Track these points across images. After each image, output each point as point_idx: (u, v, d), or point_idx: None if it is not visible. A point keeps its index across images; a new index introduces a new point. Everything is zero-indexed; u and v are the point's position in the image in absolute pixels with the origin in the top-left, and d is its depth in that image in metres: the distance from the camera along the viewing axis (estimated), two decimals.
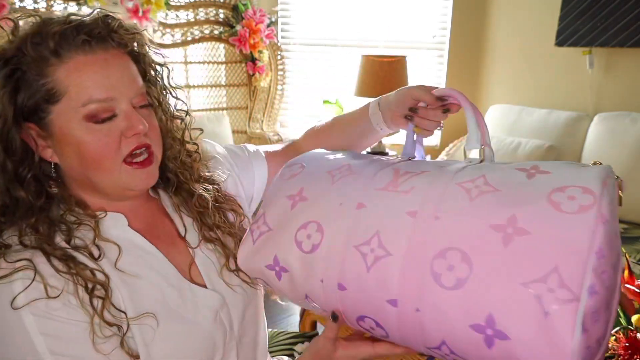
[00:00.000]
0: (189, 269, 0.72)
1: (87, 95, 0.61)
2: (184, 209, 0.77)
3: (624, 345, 0.62)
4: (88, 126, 0.62)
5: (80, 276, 0.61)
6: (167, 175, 0.76)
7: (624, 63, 2.55)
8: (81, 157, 0.63)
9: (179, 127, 0.77)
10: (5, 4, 2.18)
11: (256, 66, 3.09)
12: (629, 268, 0.69)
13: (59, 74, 0.61)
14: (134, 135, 0.64)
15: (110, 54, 0.64)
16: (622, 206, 0.55)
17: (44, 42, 0.61)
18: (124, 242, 0.68)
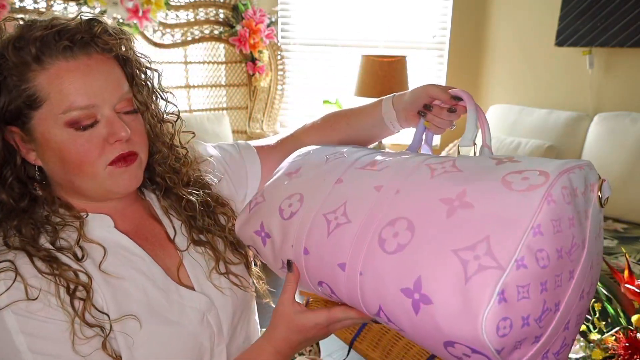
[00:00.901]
0: (177, 272, 0.72)
1: (68, 102, 0.61)
2: (173, 212, 0.76)
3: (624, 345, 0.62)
4: (70, 132, 0.62)
5: (62, 277, 0.61)
6: (156, 179, 0.76)
7: (624, 63, 2.55)
8: (63, 162, 0.63)
9: (168, 130, 0.77)
10: (5, 4, 2.18)
11: (256, 66, 3.09)
12: (629, 268, 0.69)
13: (40, 80, 0.60)
14: (116, 141, 0.64)
15: (93, 60, 0.63)
16: (604, 207, 0.53)
17: (26, 47, 0.60)
18: (109, 243, 0.68)
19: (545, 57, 2.80)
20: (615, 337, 0.64)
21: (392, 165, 0.61)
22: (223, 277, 0.75)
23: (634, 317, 0.64)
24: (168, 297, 0.69)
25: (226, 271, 0.75)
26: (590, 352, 0.66)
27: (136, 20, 2.58)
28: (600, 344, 0.65)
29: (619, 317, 0.70)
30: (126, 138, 0.64)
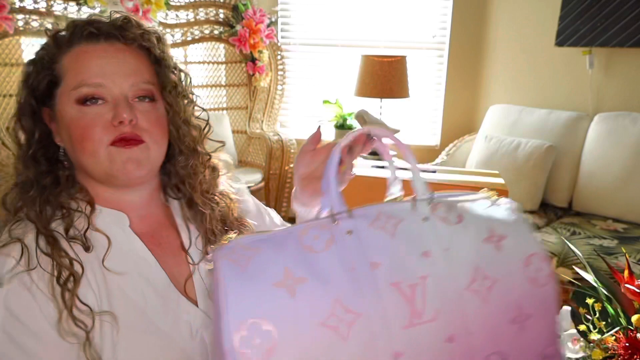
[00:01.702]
0: (184, 282, 0.72)
1: (80, 78, 0.65)
2: (193, 223, 0.76)
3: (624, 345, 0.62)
4: (77, 109, 0.65)
5: (58, 262, 0.62)
6: (180, 185, 0.76)
7: (624, 63, 2.55)
8: (71, 138, 0.66)
9: (195, 136, 0.76)
10: (5, 4, 2.18)
11: (256, 66, 3.09)
12: (629, 268, 0.69)
13: (64, 60, 0.67)
14: (120, 123, 0.65)
15: (113, 47, 0.67)
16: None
17: (61, 36, 0.67)
18: (120, 240, 0.68)
19: (545, 57, 2.80)
20: (615, 337, 0.64)
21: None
22: None
23: (634, 317, 0.64)
24: (165, 305, 0.68)
25: None
26: (590, 352, 0.66)
27: None
28: (600, 344, 0.65)
29: (619, 317, 0.70)
30: (128, 120, 0.65)
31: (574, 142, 2.54)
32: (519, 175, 2.48)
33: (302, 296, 0.48)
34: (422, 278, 0.53)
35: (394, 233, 0.54)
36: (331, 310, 0.49)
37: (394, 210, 0.57)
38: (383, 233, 0.54)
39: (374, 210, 0.56)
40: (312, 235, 0.52)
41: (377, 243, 0.53)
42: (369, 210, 0.56)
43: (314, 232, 0.53)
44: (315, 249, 0.51)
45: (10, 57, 2.31)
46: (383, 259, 0.52)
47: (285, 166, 3.00)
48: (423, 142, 3.32)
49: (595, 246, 2.06)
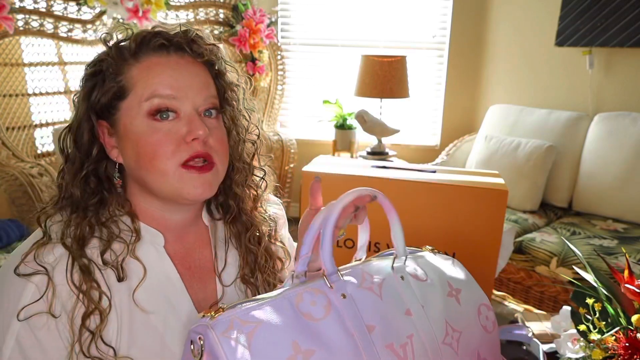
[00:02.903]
0: (210, 307, 0.70)
1: (152, 89, 0.62)
2: (233, 241, 0.74)
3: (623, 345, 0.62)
4: (149, 123, 0.62)
5: (86, 296, 0.60)
6: (229, 202, 0.74)
7: (624, 63, 2.55)
8: (138, 154, 0.63)
9: (250, 151, 0.75)
10: (5, 4, 2.17)
11: (256, 66, 3.09)
12: (629, 268, 0.69)
13: (132, 72, 0.63)
14: (194, 140, 0.63)
15: (184, 60, 0.65)
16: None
17: (127, 46, 0.64)
18: (152, 263, 0.67)
19: (545, 57, 2.80)
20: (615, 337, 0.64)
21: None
22: None
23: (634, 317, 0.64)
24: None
25: None
26: (590, 352, 0.66)
27: (136, 20, 2.58)
28: (600, 344, 0.65)
29: (619, 317, 0.70)
30: (204, 137, 0.63)
31: (574, 142, 2.54)
32: (519, 175, 2.48)
33: None
34: (409, 337, 0.56)
35: (380, 294, 0.57)
36: None
37: (375, 269, 0.60)
38: (372, 294, 0.56)
39: (358, 270, 0.58)
40: (308, 301, 0.52)
41: (368, 305, 0.55)
42: (354, 270, 0.58)
43: (310, 298, 0.53)
44: (315, 317, 0.52)
45: (10, 57, 2.30)
46: (376, 321, 0.54)
47: (285, 166, 3.00)
48: (423, 142, 3.33)
49: (595, 246, 2.06)
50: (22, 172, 2.02)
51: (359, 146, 3.13)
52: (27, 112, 2.34)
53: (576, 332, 0.74)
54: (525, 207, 2.49)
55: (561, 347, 0.82)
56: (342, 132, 3.08)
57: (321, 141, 3.32)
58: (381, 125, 2.88)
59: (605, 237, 2.16)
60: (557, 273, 2.03)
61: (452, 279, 0.66)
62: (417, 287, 0.61)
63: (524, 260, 2.14)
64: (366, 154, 2.96)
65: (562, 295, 2.05)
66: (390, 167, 1.06)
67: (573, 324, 0.76)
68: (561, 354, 0.81)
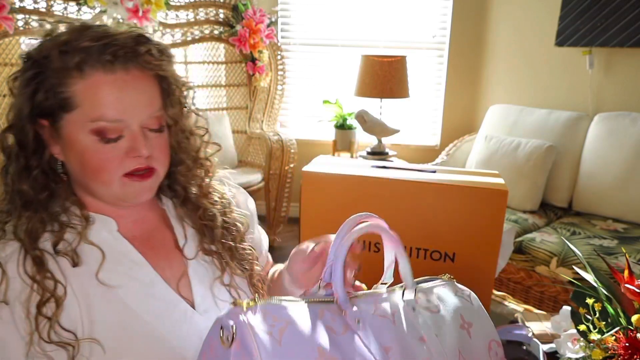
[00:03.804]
0: (177, 282, 0.72)
1: (99, 112, 0.63)
2: (188, 220, 0.78)
3: (623, 345, 0.62)
4: (94, 140, 0.64)
5: (40, 285, 0.62)
6: (175, 187, 0.78)
7: (624, 63, 2.55)
8: (82, 165, 0.66)
9: (195, 144, 0.78)
10: (5, 4, 2.18)
11: (256, 66, 3.09)
12: (629, 268, 0.69)
13: (78, 87, 0.63)
14: (136, 157, 0.66)
15: (130, 75, 0.65)
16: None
17: (71, 53, 0.62)
18: (110, 247, 0.68)
19: (545, 57, 2.80)
20: (615, 337, 0.64)
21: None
22: (225, 289, 0.75)
23: (634, 317, 0.64)
24: (160, 307, 0.69)
25: (230, 283, 0.75)
26: (590, 352, 0.66)
27: (136, 20, 2.58)
28: (600, 344, 0.65)
29: (619, 317, 0.70)
30: (146, 156, 0.66)
31: (574, 142, 2.54)
32: (519, 175, 2.48)
33: None
34: None
35: (394, 320, 0.59)
36: None
37: (387, 301, 0.61)
38: (386, 320, 0.58)
39: (370, 300, 0.60)
40: (329, 318, 0.55)
41: (384, 329, 0.57)
42: (367, 299, 0.60)
43: (330, 315, 0.55)
44: (336, 331, 0.54)
45: (10, 57, 2.31)
46: (393, 343, 0.56)
47: (285, 166, 3.00)
48: (423, 142, 3.33)
49: (595, 246, 2.06)
50: None
51: (359, 146, 3.13)
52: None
53: (576, 332, 0.74)
54: (525, 207, 2.49)
55: (561, 347, 0.82)
56: (342, 132, 3.08)
57: (321, 141, 3.32)
58: (381, 125, 2.88)
59: (605, 237, 2.16)
60: (557, 273, 2.03)
61: (464, 312, 0.66)
62: (429, 318, 0.62)
63: (524, 260, 2.14)
64: (366, 154, 2.96)
65: (562, 295, 2.05)
66: (390, 167, 1.06)
67: (573, 324, 0.76)
68: (561, 354, 0.81)
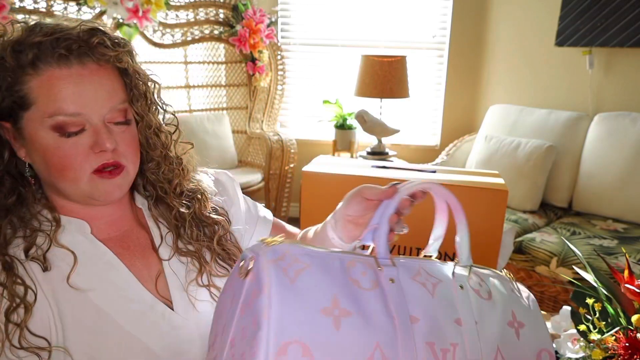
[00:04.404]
0: (155, 282, 0.71)
1: (55, 107, 0.62)
2: (162, 221, 0.77)
3: (623, 345, 0.62)
4: (54, 137, 0.63)
5: (9, 291, 0.61)
6: (147, 187, 0.76)
7: (624, 63, 2.55)
8: (47, 164, 0.64)
9: (165, 141, 0.76)
10: (5, 4, 2.18)
11: (256, 66, 3.09)
12: (629, 268, 0.69)
13: (32, 83, 0.62)
14: (101, 151, 0.64)
15: (87, 69, 0.63)
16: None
17: (24, 51, 0.61)
18: (83, 250, 0.67)
19: (545, 57, 2.80)
20: (615, 337, 0.64)
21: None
22: (204, 289, 0.74)
23: (634, 317, 0.64)
24: (137, 309, 0.68)
25: (209, 283, 0.74)
26: (590, 352, 0.66)
27: (136, 20, 2.58)
28: (600, 344, 0.65)
29: (619, 317, 0.70)
30: (110, 149, 0.65)
31: (574, 142, 2.54)
32: (519, 175, 2.48)
33: (346, 331, 0.47)
34: (453, 345, 0.53)
35: (433, 292, 0.55)
36: (372, 354, 0.48)
37: (434, 269, 0.57)
38: (424, 289, 0.54)
39: (415, 263, 0.56)
40: (359, 271, 0.52)
41: (417, 298, 0.53)
42: (410, 262, 0.56)
43: (362, 268, 0.52)
44: (362, 286, 0.51)
45: None
46: (422, 315, 0.52)
47: (285, 166, 3.00)
48: (423, 142, 3.33)
49: (595, 246, 2.06)
50: None
51: (359, 146, 3.13)
52: None
53: (576, 332, 0.74)
54: (525, 207, 2.49)
55: (561, 347, 0.82)
56: (342, 132, 3.08)
57: (321, 141, 3.32)
58: (381, 125, 2.88)
59: (605, 237, 2.16)
60: (557, 273, 2.03)
61: (518, 310, 0.61)
62: (475, 301, 0.57)
63: (524, 260, 2.14)
64: (366, 154, 2.96)
65: (562, 295, 2.05)
66: (390, 167, 1.06)
67: (573, 324, 0.76)
68: (561, 354, 0.81)
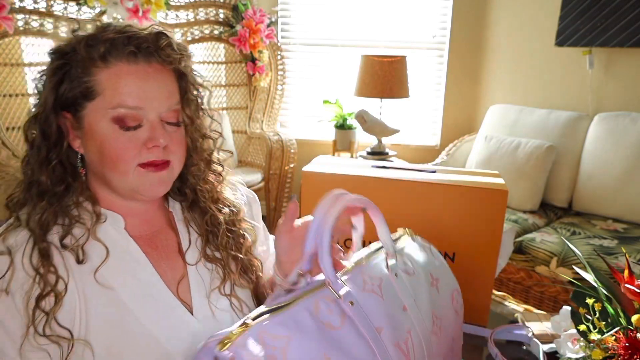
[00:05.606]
0: (177, 285, 0.72)
1: (119, 99, 0.65)
2: (193, 225, 0.78)
3: (623, 345, 0.62)
4: (114, 128, 0.66)
5: (43, 279, 0.62)
6: (185, 190, 0.78)
7: (624, 63, 2.55)
8: (101, 154, 0.67)
9: (209, 146, 0.79)
10: (5, 4, 2.18)
11: (256, 66, 3.09)
12: (629, 268, 0.69)
13: (101, 76, 0.65)
14: (154, 147, 0.67)
15: (152, 68, 0.67)
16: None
17: (97, 45, 0.65)
18: (115, 244, 0.69)
19: (545, 57, 2.80)
20: (615, 337, 0.64)
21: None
22: (225, 298, 0.75)
23: (634, 317, 0.64)
24: (158, 309, 0.69)
25: (231, 293, 0.75)
26: (590, 352, 0.66)
27: (136, 20, 2.58)
28: (600, 344, 0.65)
29: (619, 317, 0.70)
30: (163, 145, 0.67)
31: (574, 142, 2.54)
32: (519, 175, 2.48)
33: None
34: (408, 332, 0.58)
35: (382, 294, 0.59)
36: None
37: (374, 271, 0.61)
38: (375, 296, 0.58)
39: (358, 274, 0.59)
40: (325, 310, 0.53)
41: (375, 308, 0.56)
42: (354, 275, 0.59)
43: (326, 307, 0.54)
44: (334, 326, 0.53)
45: (10, 57, 2.30)
46: (383, 322, 0.56)
47: (285, 166, 3.00)
48: (423, 142, 3.33)
49: (595, 246, 2.06)
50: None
51: (359, 146, 3.13)
52: (27, 112, 2.34)
53: (576, 332, 0.74)
54: (525, 207, 2.49)
55: (561, 347, 0.82)
56: (342, 132, 3.08)
57: (321, 141, 3.32)
58: (381, 125, 2.88)
59: (605, 237, 2.16)
60: (557, 273, 2.03)
61: (432, 269, 0.68)
62: (408, 281, 0.63)
63: (524, 260, 2.14)
64: (366, 154, 2.96)
65: (562, 295, 2.05)
66: (390, 167, 1.06)
67: (573, 324, 0.76)
68: (561, 354, 0.81)
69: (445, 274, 0.71)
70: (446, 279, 0.70)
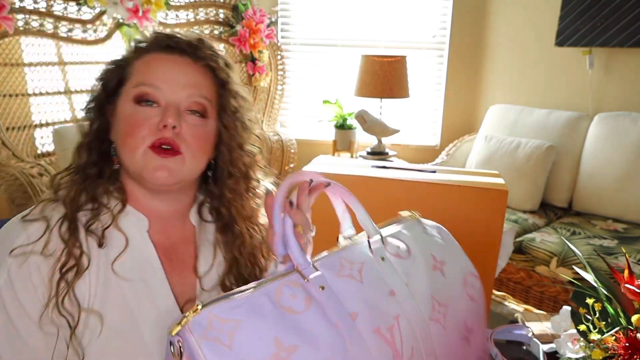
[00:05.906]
0: (184, 302, 0.71)
1: (142, 78, 0.68)
2: (222, 248, 0.76)
3: (623, 345, 0.62)
4: (133, 107, 0.68)
5: (69, 250, 0.64)
6: (221, 209, 0.76)
7: (624, 63, 2.55)
8: (119, 132, 0.69)
9: (247, 162, 0.77)
10: (5, 4, 2.17)
11: (256, 66, 3.09)
12: (629, 268, 0.69)
13: (137, 63, 0.70)
14: (164, 127, 0.66)
15: (183, 60, 0.70)
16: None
17: (141, 43, 0.72)
18: (135, 243, 0.69)
19: (545, 57, 2.80)
20: (615, 337, 0.64)
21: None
22: None
23: (634, 317, 0.64)
24: (159, 317, 0.68)
25: None
26: (590, 352, 0.66)
27: (136, 20, 2.58)
28: (600, 344, 0.65)
29: (619, 317, 0.70)
30: (171, 125, 0.66)
31: (574, 142, 2.54)
32: (519, 175, 2.48)
33: None
34: (395, 318, 0.55)
35: (361, 279, 0.56)
36: None
37: (354, 254, 0.58)
38: (352, 281, 0.55)
39: (335, 258, 0.57)
40: (288, 295, 0.51)
41: (350, 292, 0.54)
42: (330, 259, 0.57)
43: (289, 291, 0.52)
44: (296, 310, 0.51)
45: (10, 57, 2.30)
46: (359, 308, 0.53)
47: (285, 166, 3.00)
48: (423, 142, 3.33)
49: (595, 246, 2.06)
50: (22, 172, 2.02)
51: (359, 146, 3.13)
52: (27, 112, 2.33)
53: (576, 332, 0.74)
54: (525, 207, 2.49)
55: (561, 347, 0.82)
56: (342, 132, 3.08)
57: (321, 141, 3.32)
58: (381, 125, 2.88)
59: (605, 237, 2.16)
60: (557, 273, 2.02)
61: (436, 251, 0.65)
62: (399, 265, 0.60)
63: (524, 260, 2.14)
64: (366, 154, 2.95)
65: (562, 295, 2.05)
66: (390, 167, 1.06)
67: (573, 324, 0.76)
68: (561, 354, 0.81)
69: (456, 256, 0.67)
70: (457, 262, 0.66)
